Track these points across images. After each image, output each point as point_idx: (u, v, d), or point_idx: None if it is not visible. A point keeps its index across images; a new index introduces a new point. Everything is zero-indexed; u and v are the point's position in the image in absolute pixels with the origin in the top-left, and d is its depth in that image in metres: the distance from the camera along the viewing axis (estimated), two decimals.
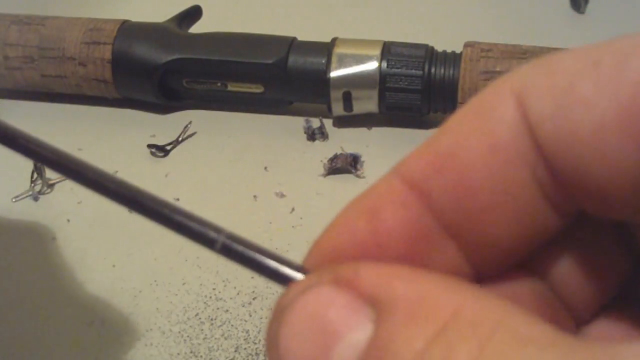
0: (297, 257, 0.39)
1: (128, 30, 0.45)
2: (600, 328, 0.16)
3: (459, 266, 0.15)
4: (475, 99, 0.14)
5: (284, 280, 0.15)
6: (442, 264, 0.15)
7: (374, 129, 0.45)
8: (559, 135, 0.13)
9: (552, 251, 0.16)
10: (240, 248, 0.16)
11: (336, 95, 0.43)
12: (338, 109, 0.44)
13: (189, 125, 0.45)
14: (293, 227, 0.38)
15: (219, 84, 0.45)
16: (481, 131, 0.14)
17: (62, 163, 0.17)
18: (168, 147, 0.44)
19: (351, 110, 0.44)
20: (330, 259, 0.15)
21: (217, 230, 0.16)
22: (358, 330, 0.13)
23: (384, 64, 0.42)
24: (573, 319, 0.16)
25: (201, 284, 0.35)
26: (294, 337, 0.14)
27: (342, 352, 0.13)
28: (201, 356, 0.32)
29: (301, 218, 0.39)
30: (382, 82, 0.42)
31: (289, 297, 0.14)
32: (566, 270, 0.16)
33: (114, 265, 0.37)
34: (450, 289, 0.13)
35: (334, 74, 0.42)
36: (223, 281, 0.35)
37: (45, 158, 0.17)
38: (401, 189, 0.15)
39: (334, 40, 0.44)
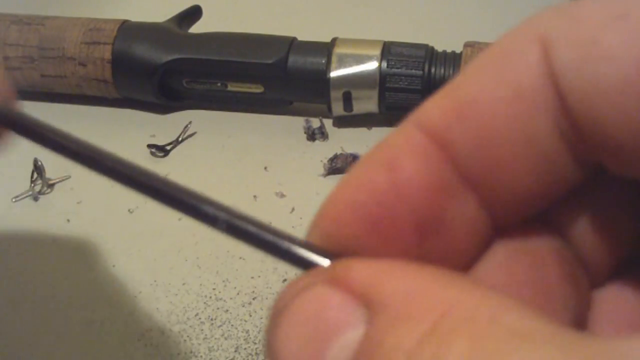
0: None
1: (128, 30, 0.45)
2: (613, 291, 0.16)
3: (477, 217, 0.14)
4: (498, 44, 0.14)
5: (294, 259, 0.15)
6: (461, 215, 0.14)
7: (374, 129, 0.45)
8: (582, 88, 0.13)
9: (571, 206, 0.15)
10: (249, 227, 0.15)
11: (336, 95, 0.43)
12: (338, 109, 0.44)
13: (189, 125, 0.45)
14: (293, 227, 0.38)
15: (219, 84, 0.45)
16: (505, 77, 0.13)
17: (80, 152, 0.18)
18: (168, 147, 0.44)
19: (351, 110, 0.44)
20: (347, 214, 0.14)
21: (222, 209, 0.16)
22: (351, 331, 0.13)
23: (384, 64, 0.42)
24: (589, 279, 0.15)
25: (201, 284, 0.35)
26: (289, 338, 0.13)
27: (335, 353, 0.13)
28: (201, 356, 0.32)
29: (301, 218, 0.39)
30: (382, 82, 0.42)
31: (286, 299, 0.14)
32: (584, 227, 0.15)
33: (114, 265, 0.37)
34: (443, 284, 0.12)
35: (334, 74, 0.42)
36: (223, 281, 0.35)
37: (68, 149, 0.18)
38: (420, 139, 0.14)
39: (334, 40, 0.44)
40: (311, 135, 0.44)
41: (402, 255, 0.14)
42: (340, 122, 0.45)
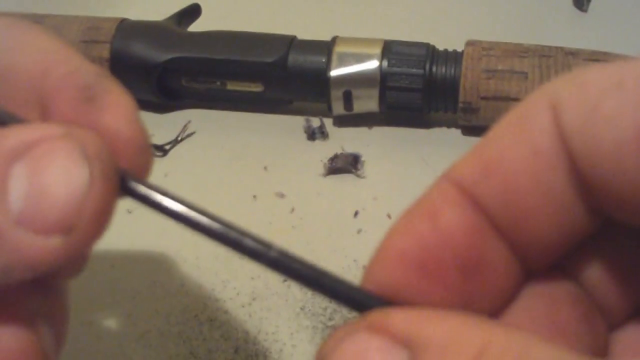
0: None
1: (126, 28, 0.45)
2: (631, 332, 0.17)
3: (509, 262, 0.16)
4: (516, 110, 0.16)
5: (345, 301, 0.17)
6: (496, 260, 0.16)
7: (375, 128, 0.44)
8: (586, 148, 0.14)
9: (587, 254, 0.17)
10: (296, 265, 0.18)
11: (336, 94, 0.43)
12: (338, 108, 0.43)
13: (187, 125, 0.45)
14: (293, 227, 0.38)
15: (218, 83, 0.44)
16: (523, 139, 0.15)
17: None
18: (167, 147, 0.43)
19: (351, 109, 0.43)
20: (397, 261, 0.16)
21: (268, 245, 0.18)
22: None
23: (385, 63, 0.42)
24: (606, 323, 0.17)
25: (200, 285, 0.35)
26: None
27: None
28: (200, 357, 0.32)
29: (301, 218, 0.39)
30: (382, 81, 0.42)
31: (330, 346, 0.15)
32: (599, 273, 0.17)
33: (113, 266, 0.36)
34: (476, 327, 0.14)
35: (334, 72, 0.42)
36: (222, 282, 0.35)
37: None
38: (455, 192, 0.16)
39: (334, 38, 0.43)
40: (311, 135, 0.44)
41: (448, 297, 0.16)
42: (341, 121, 0.44)
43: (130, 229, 0.38)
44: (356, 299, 0.17)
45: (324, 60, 0.43)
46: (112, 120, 0.20)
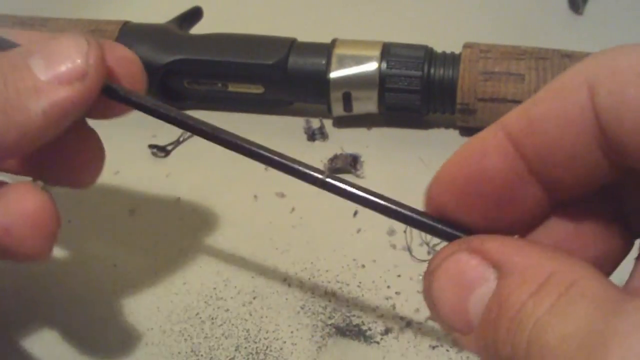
0: (298, 257, 0.39)
1: (129, 31, 0.45)
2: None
3: (537, 200, 0.21)
4: (558, 80, 0.20)
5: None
6: (526, 198, 0.21)
7: (374, 129, 0.45)
8: (613, 122, 0.18)
9: (614, 189, 0.22)
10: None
11: (336, 95, 0.43)
12: (338, 109, 0.44)
13: None
14: (293, 227, 0.38)
15: (219, 85, 0.45)
16: (563, 108, 0.19)
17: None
18: (169, 147, 0.44)
19: (351, 110, 0.44)
20: (447, 187, 0.21)
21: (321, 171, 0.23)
22: (486, 285, 0.19)
23: (384, 65, 0.42)
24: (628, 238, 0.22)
25: (202, 284, 0.36)
26: (443, 289, 0.20)
27: (476, 299, 0.20)
28: (202, 355, 0.32)
29: (301, 218, 0.39)
30: (381, 82, 0.42)
31: (437, 261, 0.21)
32: (627, 200, 0.22)
33: (114, 265, 0.37)
34: (548, 257, 0.19)
35: (334, 74, 0.43)
36: (223, 280, 0.36)
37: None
38: (503, 138, 0.20)
39: (334, 41, 0.44)
40: (311, 136, 0.44)
41: (483, 222, 0.21)
42: (340, 122, 0.45)
43: (132, 229, 0.39)
44: (443, 230, 0.22)
45: (323, 62, 0.43)
46: (120, 50, 0.29)
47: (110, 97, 0.27)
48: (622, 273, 0.22)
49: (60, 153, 0.29)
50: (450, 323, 0.21)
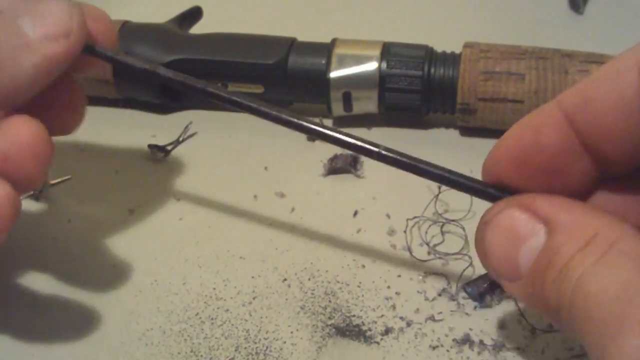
0: (298, 257, 0.39)
1: (129, 31, 0.45)
2: None
3: (590, 171, 0.23)
4: (612, 63, 0.22)
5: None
6: (579, 170, 0.23)
7: (374, 129, 0.45)
8: None
9: None
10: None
11: (336, 95, 0.43)
12: (338, 109, 0.44)
13: (189, 126, 0.45)
14: (293, 226, 0.38)
15: (219, 85, 0.45)
16: (615, 88, 0.21)
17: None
18: (169, 147, 0.44)
19: (351, 110, 0.44)
20: (504, 159, 0.24)
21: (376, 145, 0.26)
22: (535, 239, 0.22)
23: (384, 65, 0.42)
24: None
25: (201, 284, 0.36)
26: (494, 242, 0.23)
27: (526, 251, 0.22)
28: (201, 355, 0.32)
29: (301, 218, 0.39)
30: (381, 82, 0.42)
31: (489, 215, 0.23)
32: None
33: (114, 265, 0.37)
34: (593, 217, 0.21)
35: (333, 74, 0.43)
36: (223, 281, 0.36)
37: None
38: (558, 114, 0.23)
39: (334, 40, 0.44)
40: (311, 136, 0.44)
41: (537, 189, 0.23)
42: (340, 122, 0.45)
43: (131, 229, 0.39)
44: (489, 193, 0.25)
45: (323, 62, 0.43)
46: (94, 10, 0.32)
47: (89, 53, 0.31)
48: None
49: (47, 101, 0.31)
50: (499, 271, 0.23)
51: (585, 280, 0.20)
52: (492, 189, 0.24)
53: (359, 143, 0.28)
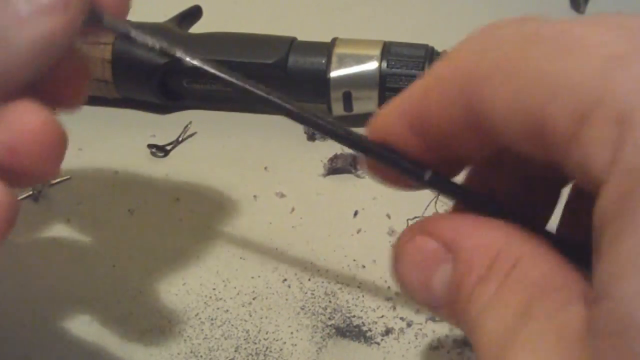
0: (298, 257, 0.39)
1: None
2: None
3: (484, 144, 0.21)
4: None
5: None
6: (463, 140, 0.21)
7: None
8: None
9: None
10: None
11: (336, 95, 0.43)
12: (338, 109, 0.44)
13: (189, 126, 0.45)
14: (293, 227, 0.38)
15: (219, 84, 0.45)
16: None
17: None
18: (168, 147, 0.44)
19: (351, 110, 0.44)
20: (390, 117, 0.23)
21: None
22: (444, 265, 0.21)
23: (384, 64, 0.42)
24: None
25: (201, 284, 0.35)
26: (406, 273, 0.22)
27: (437, 281, 0.21)
28: (201, 356, 0.32)
29: (301, 218, 0.39)
30: (382, 82, 0.42)
31: (399, 245, 0.22)
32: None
33: (114, 265, 0.37)
34: (495, 236, 0.20)
35: (334, 74, 0.42)
36: (223, 281, 0.36)
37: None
38: (451, 76, 0.21)
39: (334, 40, 0.44)
40: (311, 135, 0.44)
41: (423, 153, 0.22)
42: (340, 122, 0.44)
43: (131, 229, 0.39)
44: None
45: (323, 61, 0.43)
46: None
47: (95, 25, 0.27)
48: None
49: (51, 76, 0.28)
50: (419, 302, 0.22)
51: (483, 317, 0.19)
52: (407, 163, 0.23)
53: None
